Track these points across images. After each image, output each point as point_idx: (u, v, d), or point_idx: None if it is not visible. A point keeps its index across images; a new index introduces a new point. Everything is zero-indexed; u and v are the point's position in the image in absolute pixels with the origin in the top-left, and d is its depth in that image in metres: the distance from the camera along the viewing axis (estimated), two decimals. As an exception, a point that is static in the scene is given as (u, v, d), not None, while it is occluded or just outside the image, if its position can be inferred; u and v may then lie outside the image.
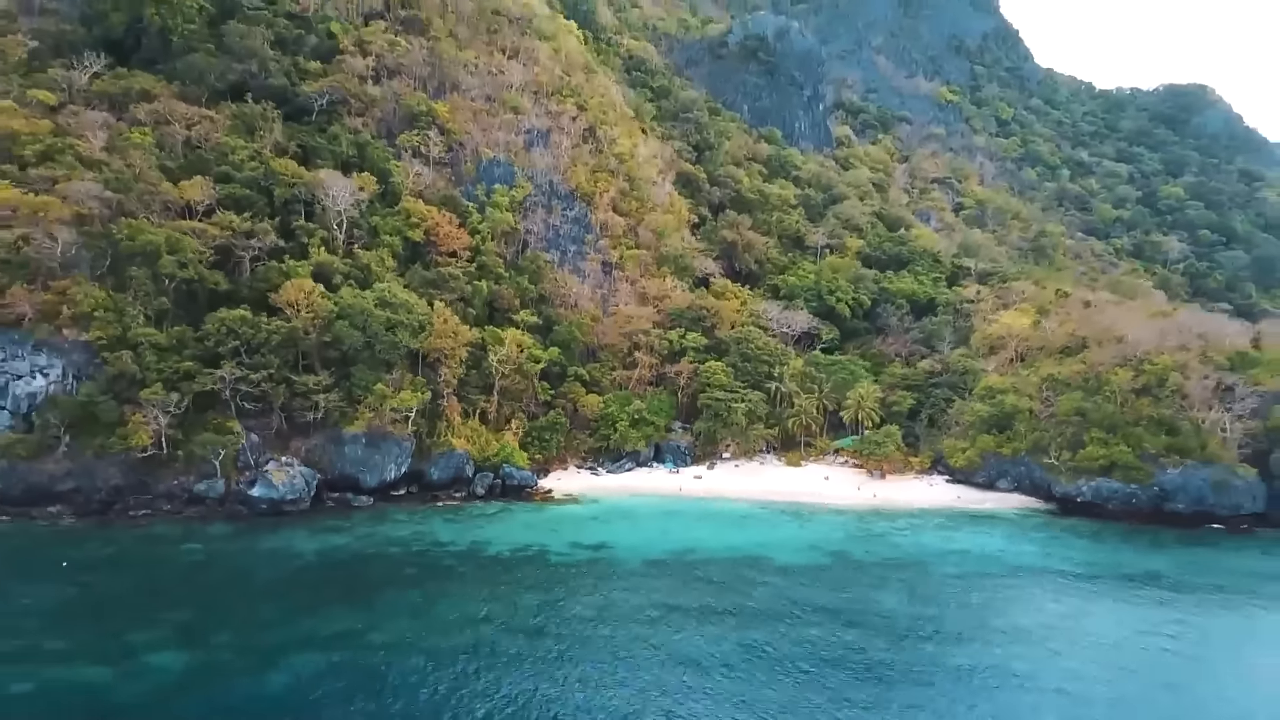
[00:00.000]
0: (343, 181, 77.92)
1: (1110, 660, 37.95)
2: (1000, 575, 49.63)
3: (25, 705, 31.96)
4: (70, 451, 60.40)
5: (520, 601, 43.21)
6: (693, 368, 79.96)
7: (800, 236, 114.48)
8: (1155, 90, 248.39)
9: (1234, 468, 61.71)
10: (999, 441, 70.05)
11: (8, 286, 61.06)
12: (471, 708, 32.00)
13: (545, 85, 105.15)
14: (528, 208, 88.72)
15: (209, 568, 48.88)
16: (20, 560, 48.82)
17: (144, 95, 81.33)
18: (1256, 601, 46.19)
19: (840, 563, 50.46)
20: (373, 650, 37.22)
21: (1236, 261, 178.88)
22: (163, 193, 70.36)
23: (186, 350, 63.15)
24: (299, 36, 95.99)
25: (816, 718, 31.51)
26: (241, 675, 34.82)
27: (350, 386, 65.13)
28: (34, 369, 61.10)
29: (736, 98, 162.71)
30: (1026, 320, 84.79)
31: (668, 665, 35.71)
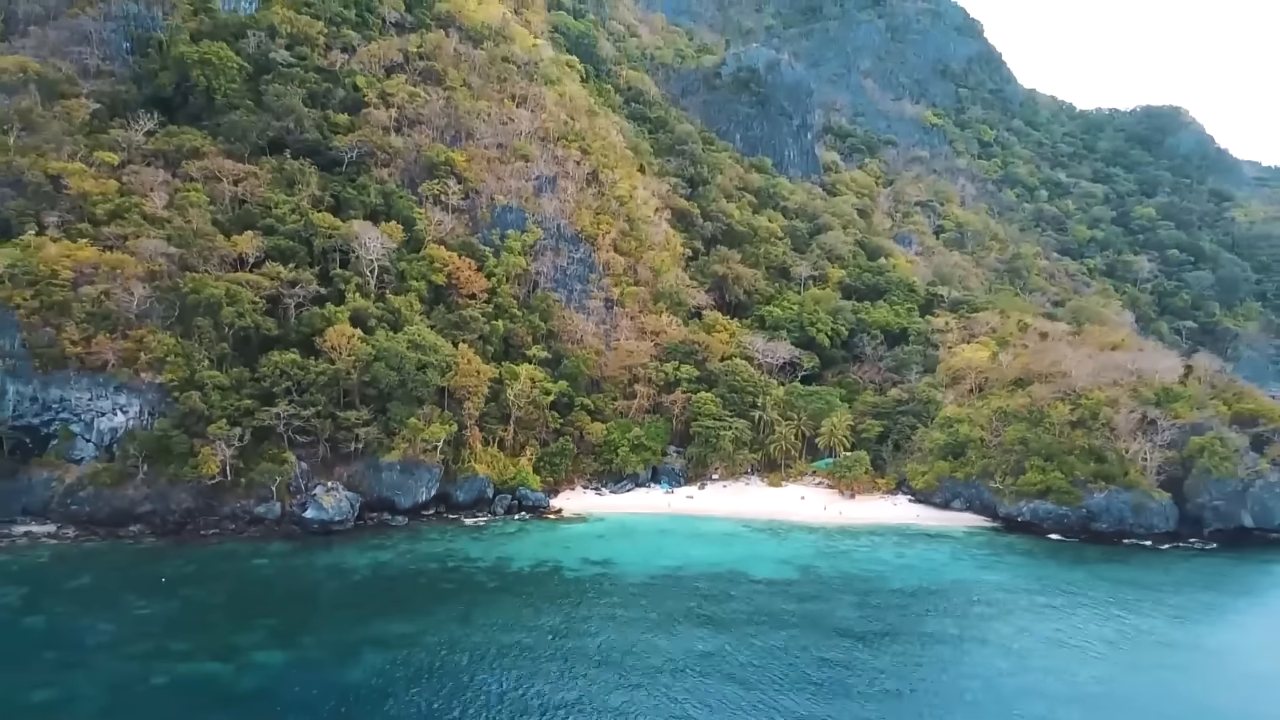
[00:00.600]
0: (373, 231, 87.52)
1: (1011, 657, 47.60)
2: (938, 588, 59.35)
3: (168, 694, 41.52)
4: (147, 479, 70.08)
5: (543, 610, 52.85)
6: (685, 398, 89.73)
7: (786, 267, 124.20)
8: (1132, 111, 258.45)
9: (1151, 492, 71.60)
10: (954, 467, 79.94)
11: (93, 336, 70.67)
12: (510, 694, 41.59)
13: (551, 131, 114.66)
14: (538, 251, 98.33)
15: (280, 580, 58.53)
16: (122, 575, 58.36)
17: (194, 152, 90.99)
18: (1146, 609, 55.92)
19: (806, 576, 60.23)
20: (428, 649, 46.83)
21: (1203, 281, 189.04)
22: (218, 247, 79.93)
23: (245, 389, 72.81)
24: (328, 90, 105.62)
25: (766, 697, 41.17)
26: (328, 669, 44.42)
27: (387, 420, 74.76)
28: (115, 407, 70.75)
29: (729, 127, 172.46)
30: (985, 354, 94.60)
31: (662, 662, 45.35)
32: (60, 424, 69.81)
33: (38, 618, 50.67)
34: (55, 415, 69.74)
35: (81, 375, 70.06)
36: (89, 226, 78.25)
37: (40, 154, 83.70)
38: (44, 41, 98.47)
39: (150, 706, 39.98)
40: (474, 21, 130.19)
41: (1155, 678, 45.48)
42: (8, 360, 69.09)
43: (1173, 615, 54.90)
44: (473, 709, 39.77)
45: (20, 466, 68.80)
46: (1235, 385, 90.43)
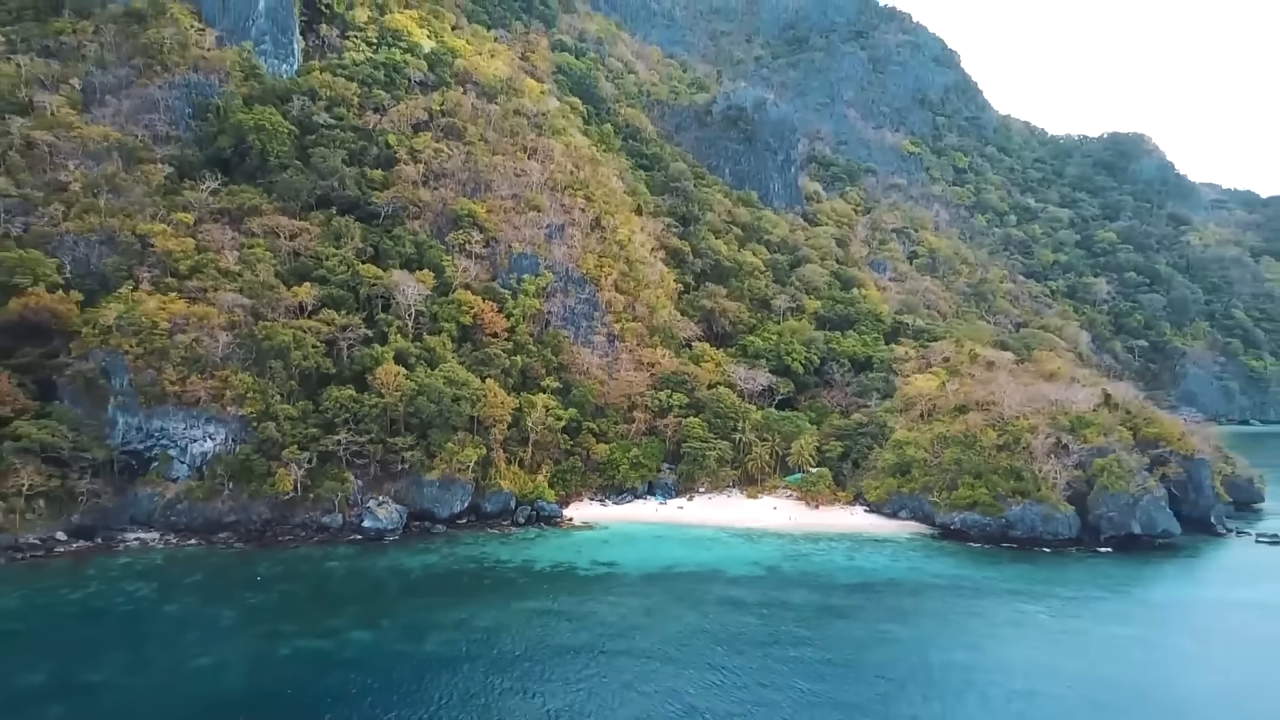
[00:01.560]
0: (410, 279, 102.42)
1: (925, 633, 62.56)
2: (877, 583, 74.46)
3: (293, 661, 56.30)
4: (232, 494, 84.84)
5: (562, 600, 67.74)
6: (677, 422, 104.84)
7: (768, 299, 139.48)
8: (1099, 137, 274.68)
9: (1058, 505, 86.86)
10: (901, 482, 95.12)
11: (187, 376, 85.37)
12: (542, 663, 56.44)
13: (559, 181, 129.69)
14: (549, 292, 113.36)
15: (351, 578, 73.35)
16: (226, 574, 73.13)
17: (254, 210, 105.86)
18: (1039, 598, 70.91)
19: (770, 575, 75.29)
20: (477, 629, 61.61)
21: (1155, 303, 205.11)
22: (282, 297, 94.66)
23: (310, 420, 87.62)
24: (363, 148, 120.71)
25: (733, 661, 56.18)
26: (404, 644, 59.16)
27: (428, 445, 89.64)
28: (205, 435, 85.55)
29: (719, 161, 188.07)
30: (935, 383, 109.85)
31: (658, 639, 60.37)
32: (160, 449, 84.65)
33: (173, 606, 65.52)
34: (156, 442, 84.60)
35: (178, 409, 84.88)
36: (174, 280, 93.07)
37: (127, 215, 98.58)
38: (119, 110, 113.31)
39: (285, 669, 54.82)
40: (487, 76, 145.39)
41: (1030, 646, 60.39)
42: (118, 397, 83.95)
43: (1059, 602, 69.96)
44: (518, 671, 54.60)
45: (128, 484, 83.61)
46: (1146, 411, 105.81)
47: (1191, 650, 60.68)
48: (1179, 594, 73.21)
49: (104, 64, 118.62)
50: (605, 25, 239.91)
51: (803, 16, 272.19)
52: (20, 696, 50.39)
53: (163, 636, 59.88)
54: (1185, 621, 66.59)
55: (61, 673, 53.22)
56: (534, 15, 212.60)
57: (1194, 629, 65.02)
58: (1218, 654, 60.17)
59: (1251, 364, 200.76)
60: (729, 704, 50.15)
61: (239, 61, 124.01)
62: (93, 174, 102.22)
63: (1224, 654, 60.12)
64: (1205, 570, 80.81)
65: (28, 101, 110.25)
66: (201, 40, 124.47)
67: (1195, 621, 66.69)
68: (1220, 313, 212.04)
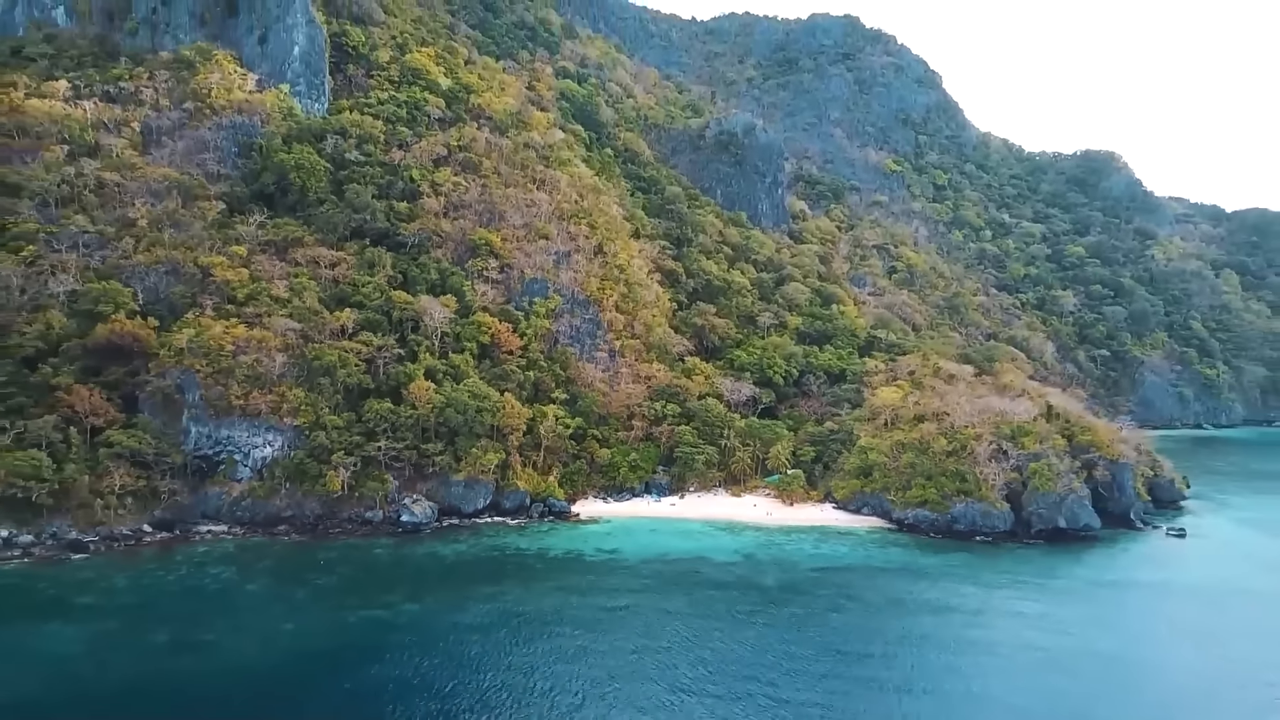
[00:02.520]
0: (436, 304, 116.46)
1: (869, 604, 76.82)
2: (837, 568, 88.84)
3: (362, 626, 70.31)
4: (288, 493, 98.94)
5: (574, 580, 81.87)
6: (670, 429, 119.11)
7: (753, 316, 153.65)
8: (1073, 155, 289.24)
9: (995, 503, 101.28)
10: (864, 483, 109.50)
11: (250, 392, 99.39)
12: (558, 627, 70.61)
13: (565, 210, 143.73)
14: (557, 314, 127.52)
15: (396, 563, 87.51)
16: (292, 560, 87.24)
17: (297, 241, 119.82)
18: (969, 579, 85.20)
19: (744, 561, 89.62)
20: (506, 602, 75.69)
21: (1118, 314, 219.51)
22: (327, 321, 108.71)
23: (354, 429, 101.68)
24: (390, 182, 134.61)
25: (710, 624, 70.47)
26: (447, 614, 73.28)
27: (455, 450, 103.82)
28: (265, 442, 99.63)
29: (712, 183, 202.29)
30: (899, 395, 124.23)
31: (654, 607, 74.65)
32: (227, 454, 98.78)
33: (254, 585, 79.77)
34: (224, 448, 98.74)
35: (242, 420, 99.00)
36: (233, 307, 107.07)
37: (189, 247, 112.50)
38: (175, 150, 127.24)
39: (354, 632, 68.93)
40: (498, 111, 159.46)
41: (948, 617, 74.76)
42: (191, 409, 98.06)
43: (983, 584, 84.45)
44: (538, 633, 68.78)
45: (200, 484, 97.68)
46: (1083, 420, 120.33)
47: (1082, 618, 74.90)
48: (1085, 576, 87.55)
49: (159, 108, 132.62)
50: (605, 49, 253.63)
51: (793, 39, 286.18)
52: (153, 651, 64.54)
53: (252, 608, 74.17)
54: (1084, 598, 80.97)
55: (179, 634, 67.43)
56: (539, 43, 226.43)
57: (1089, 604, 79.37)
58: (1105, 622, 74.53)
59: (1205, 372, 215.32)
60: (703, 652, 64.61)
61: (278, 103, 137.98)
62: (156, 210, 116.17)
63: (1108, 622, 74.55)
64: (1115, 559, 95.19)
65: (95, 144, 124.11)
66: (244, 84, 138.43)
67: (1092, 598, 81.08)
68: (1179, 323, 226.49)
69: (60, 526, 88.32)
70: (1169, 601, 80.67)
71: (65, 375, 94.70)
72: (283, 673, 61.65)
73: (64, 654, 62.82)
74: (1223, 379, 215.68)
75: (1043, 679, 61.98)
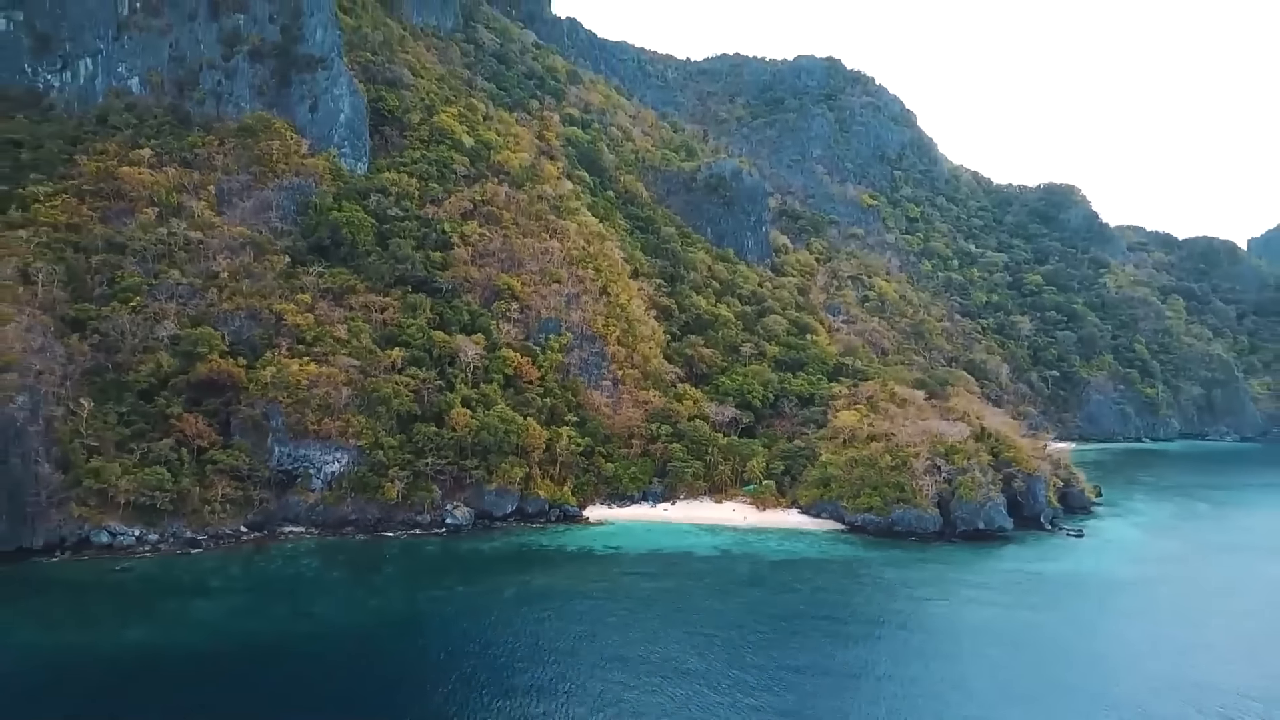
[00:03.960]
0: (468, 342, 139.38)
1: (819, 588, 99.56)
2: (795, 560, 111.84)
3: (426, 602, 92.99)
4: (353, 500, 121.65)
5: (588, 569, 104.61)
6: (664, 447, 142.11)
7: (737, 346, 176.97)
8: (1036, 188, 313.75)
9: (927, 509, 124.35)
10: (823, 492, 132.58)
11: (322, 419, 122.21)
12: (576, 602, 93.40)
13: (574, 256, 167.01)
14: (568, 348, 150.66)
15: (446, 557, 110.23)
16: (362, 555, 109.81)
17: (351, 289, 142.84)
18: (899, 570, 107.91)
19: (722, 555, 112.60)
20: (536, 586, 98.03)
21: (1069, 339, 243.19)
22: (380, 359, 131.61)
23: (406, 448, 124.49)
24: (426, 234, 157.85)
25: (691, 601, 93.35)
26: (492, 594, 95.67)
27: (487, 465, 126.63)
28: (334, 459, 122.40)
29: (702, 222, 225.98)
30: (856, 417, 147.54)
31: (648, 587, 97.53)
32: (303, 469, 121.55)
33: (338, 573, 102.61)
34: (301, 464, 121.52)
35: (315, 441, 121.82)
36: (303, 347, 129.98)
37: (263, 296, 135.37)
38: (244, 209, 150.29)
39: (424, 606, 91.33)
40: (514, 167, 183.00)
41: (873, 592, 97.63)
42: (275, 433, 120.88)
43: (908, 573, 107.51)
44: (562, 606, 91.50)
45: (283, 493, 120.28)
46: (1008, 439, 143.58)
47: (973, 594, 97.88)
48: (989, 565, 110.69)
49: (229, 171, 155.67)
50: (607, 92, 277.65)
51: (779, 80, 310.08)
52: (279, 618, 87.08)
53: (341, 590, 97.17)
54: (987, 583, 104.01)
55: (294, 607, 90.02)
56: (546, 91, 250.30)
57: (989, 588, 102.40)
58: (985, 597, 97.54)
59: (1146, 391, 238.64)
60: (685, 615, 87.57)
61: (328, 165, 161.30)
62: (234, 264, 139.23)
63: (988, 597, 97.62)
64: (1015, 553, 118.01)
65: (178, 205, 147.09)
66: (299, 149, 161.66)
67: (991, 582, 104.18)
68: (1125, 346, 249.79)
69: (178, 527, 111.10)
70: (1042, 584, 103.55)
71: (175, 405, 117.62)
72: (373, 634, 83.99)
73: (216, 620, 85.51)
74: (1161, 397, 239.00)
75: (928, 633, 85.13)
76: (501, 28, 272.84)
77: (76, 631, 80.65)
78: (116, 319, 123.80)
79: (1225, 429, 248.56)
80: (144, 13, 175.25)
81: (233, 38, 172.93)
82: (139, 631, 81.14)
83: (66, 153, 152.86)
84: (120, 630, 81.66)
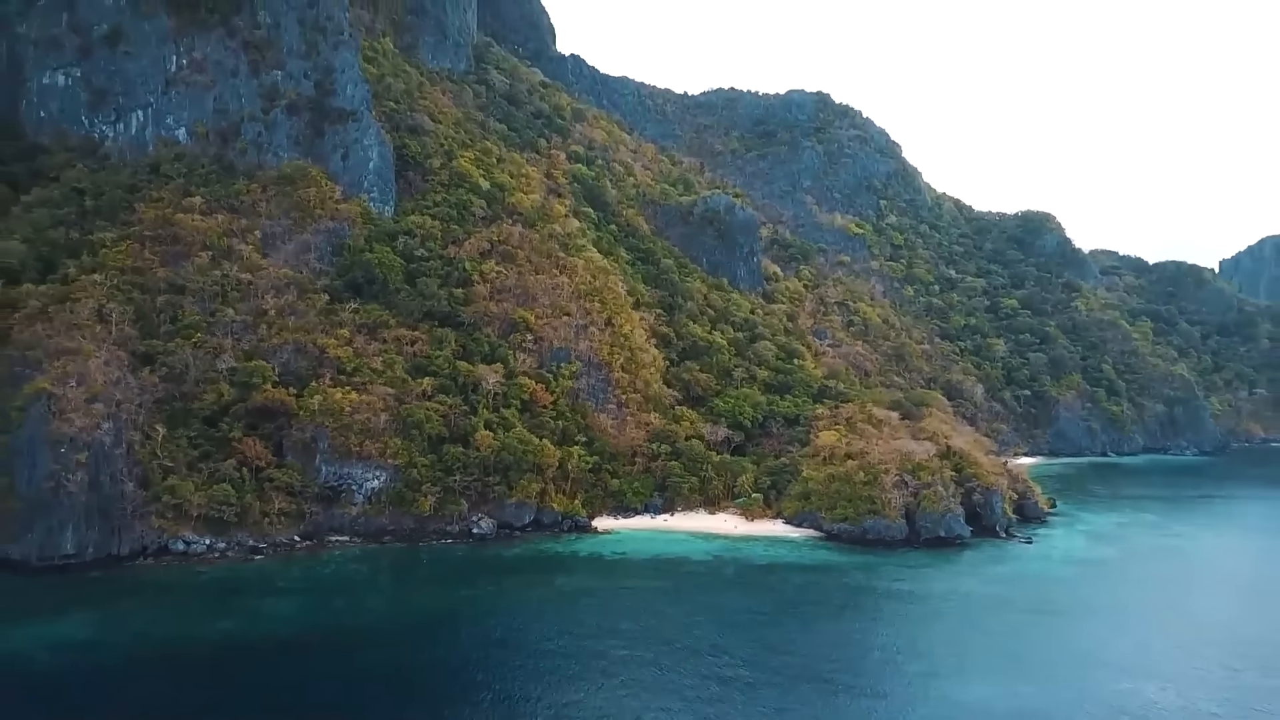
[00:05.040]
0: (489, 371, 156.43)
1: (793, 585, 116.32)
2: (777, 564, 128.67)
3: (463, 598, 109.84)
4: (390, 513, 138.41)
5: (596, 572, 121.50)
6: (663, 464, 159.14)
7: (729, 371, 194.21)
8: (1014, 215, 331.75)
9: (894, 519, 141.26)
10: (804, 504, 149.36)
11: (363, 441, 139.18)
12: (590, 597, 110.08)
13: (582, 290, 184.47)
14: (577, 376, 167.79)
15: (474, 562, 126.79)
16: (402, 560, 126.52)
17: (383, 324, 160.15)
18: (867, 573, 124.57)
19: (714, 559, 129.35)
20: (554, 586, 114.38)
21: (1040, 360, 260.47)
22: (412, 388, 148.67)
23: (437, 467, 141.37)
24: (449, 273, 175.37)
25: (687, 596, 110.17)
26: (519, 590, 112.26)
27: (508, 481, 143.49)
28: (374, 476, 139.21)
29: (699, 253, 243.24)
30: (835, 437, 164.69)
31: (649, 586, 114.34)
32: (347, 485, 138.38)
33: (383, 576, 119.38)
34: (345, 481, 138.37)
35: (358, 461, 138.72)
36: (344, 377, 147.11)
37: (307, 331, 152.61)
38: (286, 252, 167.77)
39: (461, 603, 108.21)
40: (527, 208, 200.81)
41: (845, 591, 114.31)
42: (322, 454, 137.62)
43: (874, 574, 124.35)
44: (579, 600, 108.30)
45: (329, 507, 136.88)
46: (971, 457, 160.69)
47: (925, 588, 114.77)
48: (944, 567, 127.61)
49: (271, 216, 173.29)
50: (609, 129, 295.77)
51: (771, 113, 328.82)
52: (340, 611, 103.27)
53: (389, 588, 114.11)
54: (935, 576, 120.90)
55: (350, 603, 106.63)
56: (553, 129, 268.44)
57: (935, 579, 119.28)
58: (938, 591, 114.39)
59: (1111, 409, 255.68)
60: (681, 605, 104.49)
61: (359, 210, 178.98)
62: (280, 302, 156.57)
63: (941, 591, 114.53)
64: (969, 558, 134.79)
65: (228, 248, 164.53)
66: (333, 195, 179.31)
67: (938, 576, 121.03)
68: (1093, 367, 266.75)
69: (242, 537, 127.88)
70: (987, 584, 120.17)
71: (236, 430, 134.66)
72: (420, 623, 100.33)
73: (288, 614, 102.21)
74: (1126, 414, 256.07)
75: (885, 619, 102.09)
76: (510, 67, 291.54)
77: (177, 623, 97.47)
78: (181, 354, 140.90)
79: (1185, 444, 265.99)
80: (190, 69, 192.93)
81: (271, 92, 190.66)
82: (228, 622, 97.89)
83: (126, 200, 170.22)
84: (211, 622, 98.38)
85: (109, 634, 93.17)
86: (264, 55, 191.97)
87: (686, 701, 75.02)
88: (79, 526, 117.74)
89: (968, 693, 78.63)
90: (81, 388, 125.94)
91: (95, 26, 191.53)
